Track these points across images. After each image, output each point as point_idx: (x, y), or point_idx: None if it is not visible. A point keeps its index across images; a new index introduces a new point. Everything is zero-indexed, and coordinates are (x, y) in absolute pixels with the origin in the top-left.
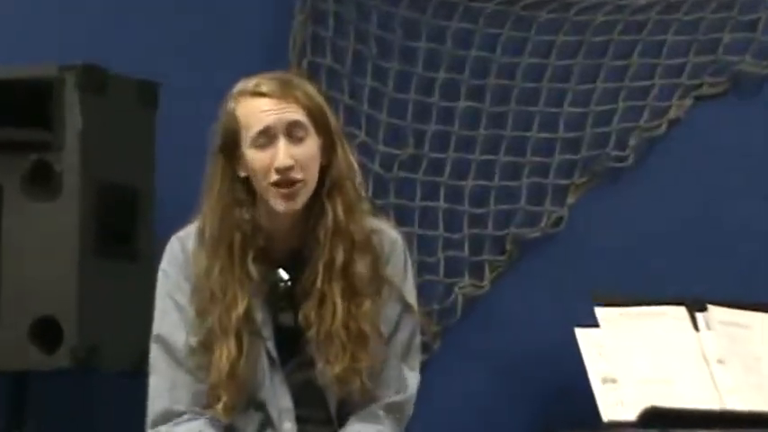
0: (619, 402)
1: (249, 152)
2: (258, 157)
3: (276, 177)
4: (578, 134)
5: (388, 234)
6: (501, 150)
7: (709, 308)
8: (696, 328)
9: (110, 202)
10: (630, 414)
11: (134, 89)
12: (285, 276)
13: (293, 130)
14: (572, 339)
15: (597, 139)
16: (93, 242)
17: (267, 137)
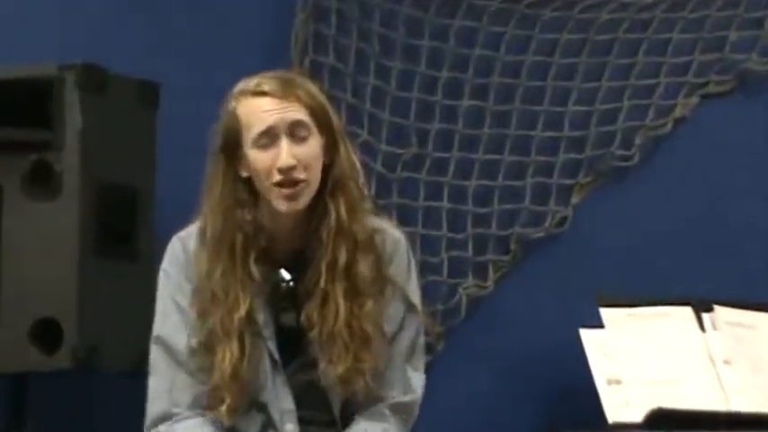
0: (624, 403)
1: (251, 152)
2: (260, 157)
3: (279, 178)
4: (583, 133)
5: (391, 234)
6: (505, 150)
7: (716, 308)
8: (702, 328)
9: (110, 202)
10: (636, 415)
11: (134, 89)
12: (287, 277)
13: (295, 130)
14: (577, 340)
15: (602, 139)
16: (93, 242)
17: (269, 137)
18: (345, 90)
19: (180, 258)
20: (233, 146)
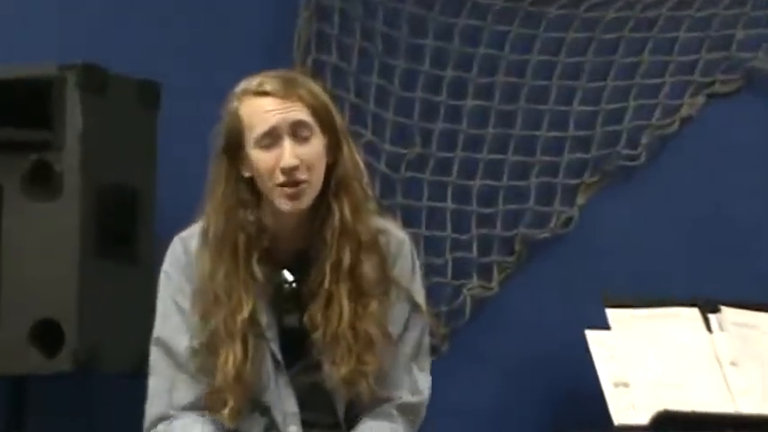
0: (630, 406)
1: (254, 153)
2: (263, 157)
3: (282, 178)
4: (589, 133)
5: (395, 234)
6: (510, 149)
7: (723, 309)
8: (709, 329)
9: (110, 203)
10: (642, 418)
11: (135, 89)
12: (290, 278)
13: (298, 130)
14: (582, 342)
15: (608, 138)
16: (94, 243)
17: (272, 137)
18: (348, 90)
19: (181, 259)
20: (235, 146)
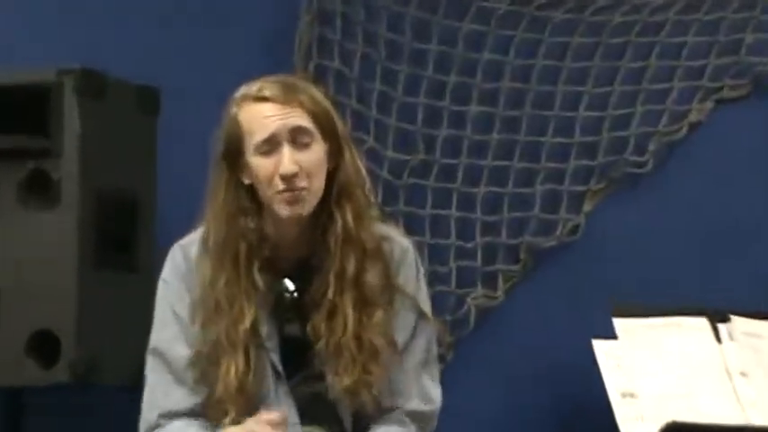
0: (638, 417)
1: (253, 159)
2: (262, 164)
3: (281, 186)
4: (595, 139)
5: (399, 241)
6: (515, 156)
7: (732, 318)
8: (718, 339)
9: (109, 211)
10: (650, 429)
11: (134, 94)
12: (291, 287)
13: (297, 136)
14: (589, 351)
15: (615, 144)
16: (93, 252)
17: (271, 144)
18: (351, 95)
19: (181, 267)
20: (235, 153)
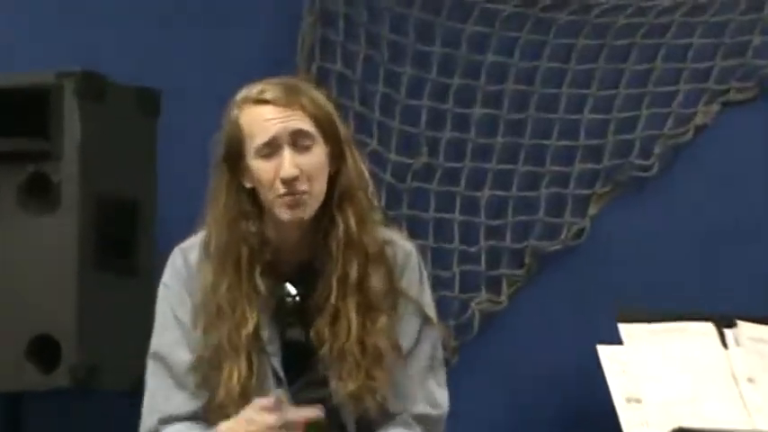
0: (643, 423)
1: (254, 163)
2: (263, 167)
3: (282, 189)
4: (600, 142)
5: (402, 245)
6: (519, 159)
7: (738, 323)
8: (724, 344)
9: (110, 215)
10: None
11: (134, 96)
12: (293, 291)
13: (298, 140)
14: (594, 357)
15: (620, 148)
16: (93, 256)
17: (271, 147)
18: (353, 98)
19: (181, 271)
20: (236, 156)
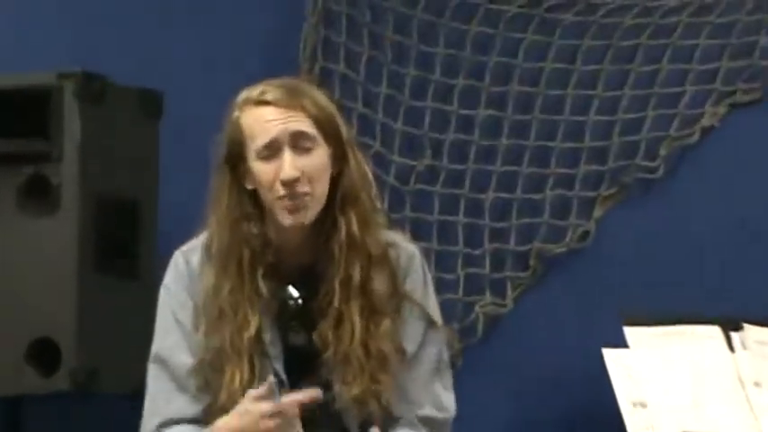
0: (649, 427)
1: (254, 164)
2: (263, 169)
3: (282, 191)
4: (605, 144)
5: (405, 247)
6: (524, 161)
7: (745, 327)
8: (731, 348)
9: (110, 217)
10: None
11: (135, 98)
12: (295, 294)
13: (299, 141)
14: (599, 360)
15: (625, 149)
16: (93, 259)
17: (272, 149)
18: (356, 99)
19: (183, 274)
20: (237, 157)
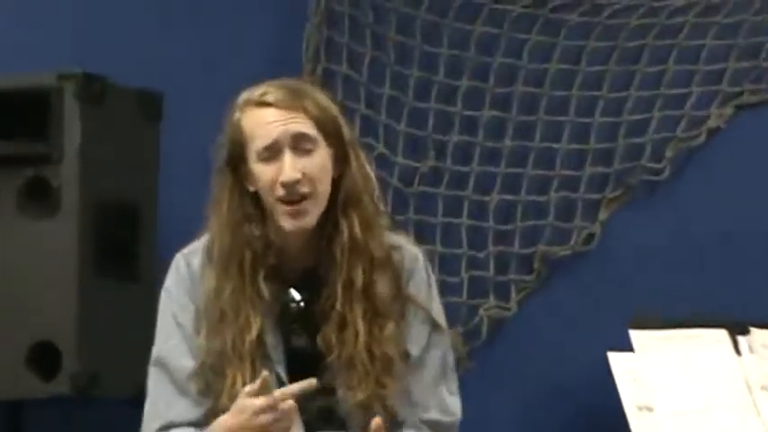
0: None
1: (255, 166)
2: (264, 170)
3: (282, 192)
4: (611, 145)
5: (409, 250)
6: (528, 163)
7: (752, 330)
8: (738, 352)
9: (110, 219)
10: None
11: (136, 99)
12: (297, 297)
13: (300, 143)
14: (605, 364)
15: (631, 151)
16: (93, 262)
17: (272, 150)
18: (359, 100)
19: (184, 276)
20: (238, 159)
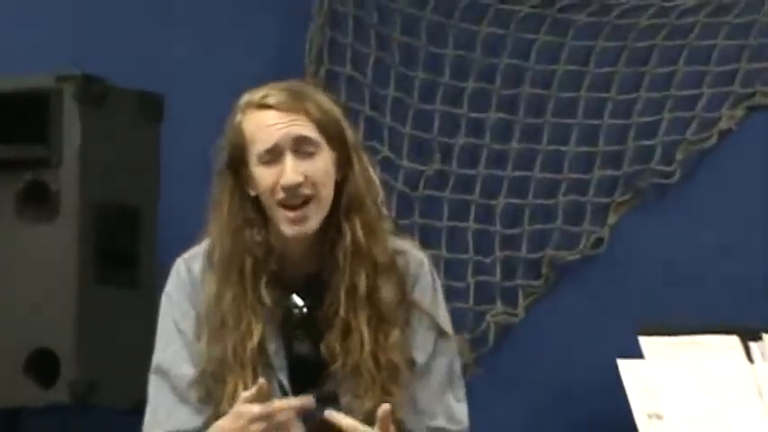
0: None
1: (256, 169)
2: (265, 174)
3: (282, 195)
4: (620, 148)
5: (414, 255)
6: (536, 166)
7: (765, 337)
8: (750, 359)
9: (110, 224)
10: None
11: (136, 101)
12: (300, 302)
13: (301, 146)
14: (614, 371)
15: (640, 153)
16: (93, 267)
17: (273, 153)
18: (364, 102)
19: (185, 282)
20: (239, 162)
